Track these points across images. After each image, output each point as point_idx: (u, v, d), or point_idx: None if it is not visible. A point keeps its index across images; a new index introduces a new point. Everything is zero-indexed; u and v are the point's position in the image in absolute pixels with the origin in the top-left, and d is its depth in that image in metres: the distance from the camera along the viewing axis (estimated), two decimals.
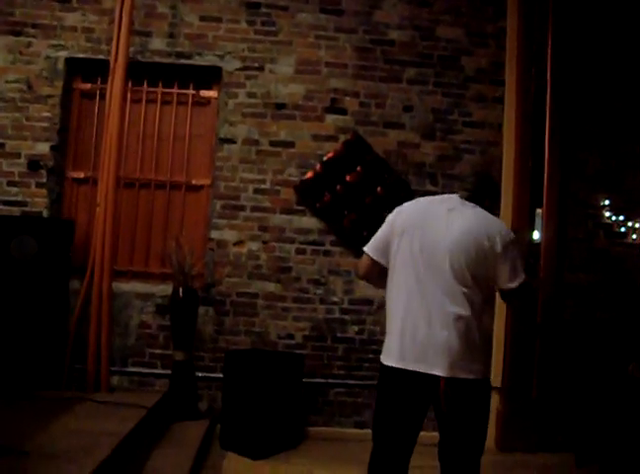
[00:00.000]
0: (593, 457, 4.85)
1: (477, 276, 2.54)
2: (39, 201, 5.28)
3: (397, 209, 2.83)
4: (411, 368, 2.54)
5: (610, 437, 4.78)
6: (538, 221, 5.57)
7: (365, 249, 2.85)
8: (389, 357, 2.64)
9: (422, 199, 2.86)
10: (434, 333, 2.50)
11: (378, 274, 2.82)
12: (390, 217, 2.82)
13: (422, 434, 2.73)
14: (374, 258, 2.79)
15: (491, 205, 2.83)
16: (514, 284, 2.58)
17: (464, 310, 2.51)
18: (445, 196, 2.83)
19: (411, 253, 2.62)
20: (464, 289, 2.52)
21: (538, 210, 5.55)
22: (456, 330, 2.49)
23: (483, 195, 2.79)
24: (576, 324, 5.36)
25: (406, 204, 2.83)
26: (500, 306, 5.23)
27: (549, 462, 4.95)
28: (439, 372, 2.49)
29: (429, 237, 2.60)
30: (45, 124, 5.31)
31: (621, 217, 5.61)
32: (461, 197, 2.75)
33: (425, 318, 2.53)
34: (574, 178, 5.52)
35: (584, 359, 5.18)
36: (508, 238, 2.59)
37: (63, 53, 5.34)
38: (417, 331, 2.54)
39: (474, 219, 2.62)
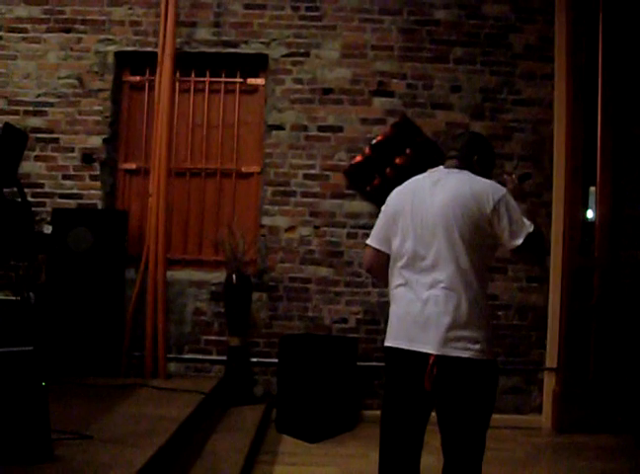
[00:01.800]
0: None
1: (471, 245, 2.43)
2: (93, 194, 5.40)
3: (389, 196, 2.76)
4: (404, 347, 2.47)
5: None
6: (592, 199, 5.47)
7: (368, 241, 2.79)
8: (389, 338, 2.58)
9: (411, 179, 2.72)
10: (427, 310, 2.41)
11: (384, 265, 2.72)
12: (383, 206, 2.76)
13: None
14: (377, 247, 2.72)
15: (481, 159, 2.68)
16: (519, 241, 2.41)
17: (458, 285, 2.40)
18: (432, 169, 2.68)
19: (404, 234, 2.55)
20: (458, 263, 2.42)
21: (592, 188, 5.45)
22: (450, 305, 2.39)
23: (469, 152, 2.67)
24: (633, 302, 5.27)
25: (396, 188, 2.75)
26: (554, 285, 5.22)
27: (608, 444, 4.88)
28: (428, 350, 2.39)
29: (417, 215, 2.52)
30: (97, 118, 5.41)
31: None
32: (447, 166, 2.65)
33: (419, 296, 2.45)
34: (628, 154, 5.40)
35: None
36: (497, 196, 2.43)
37: (112, 47, 5.43)
38: (411, 309, 2.46)
39: (457, 186, 2.50)
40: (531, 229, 2.43)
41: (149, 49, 5.39)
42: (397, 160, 5.28)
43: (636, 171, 5.42)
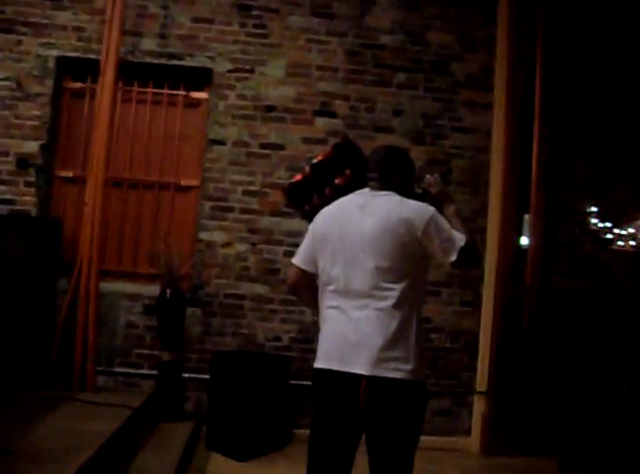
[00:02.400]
0: (576, 462, 4.89)
1: (402, 269, 2.44)
2: (27, 200, 5.27)
3: (316, 218, 2.75)
4: (335, 368, 2.45)
5: (594, 442, 4.82)
6: (526, 227, 5.60)
7: (293, 261, 2.79)
8: (318, 360, 2.55)
9: (337, 202, 2.71)
10: (359, 330, 2.41)
11: (308, 285, 2.74)
12: (311, 226, 2.76)
13: None
14: (302, 267, 2.71)
15: (402, 174, 2.68)
16: (452, 257, 2.44)
17: (390, 307, 2.40)
18: (358, 191, 2.66)
19: (333, 258, 2.55)
20: (389, 285, 2.43)
21: (526, 216, 5.58)
22: (382, 326, 2.39)
23: (389, 171, 2.66)
24: (562, 329, 5.40)
25: (324, 210, 2.75)
26: (486, 310, 5.31)
27: (533, 466, 5.00)
28: (360, 371, 2.37)
29: (346, 240, 2.52)
30: (35, 123, 5.29)
31: (608, 224, 5.65)
32: (372, 188, 2.64)
33: (350, 317, 2.45)
34: (562, 184, 5.57)
35: (569, 365, 5.22)
36: (425, 218, 2.44)
37: (54, 52, 5.33)
38: (343, 330, 2.46)
39: (385, 211, 2.50)
40: (462, 243, 2.45)
41: (92, 56, 5.30)
42: (337, 180, 5.28)
43: (569, 200, 5.58)
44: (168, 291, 4.96)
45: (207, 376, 5.03)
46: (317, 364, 2.56)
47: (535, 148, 5.45)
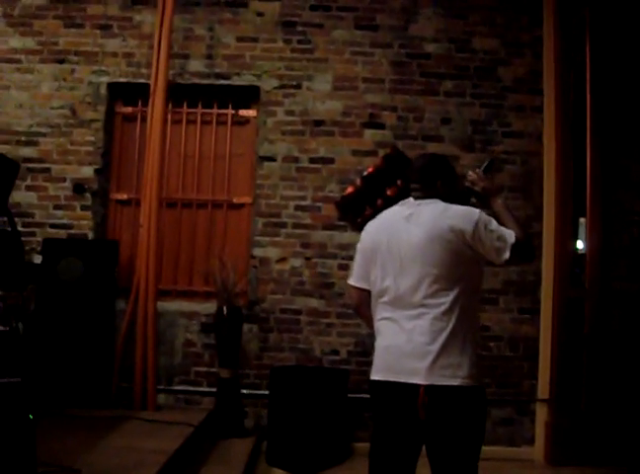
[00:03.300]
0: None
1: (453, 276, 2.44)
2: (84, 224, 5.39)
3: (363, 233, 2.76)
4: (392, 379, 2.45)
5: None
6: (582, 231, 5.50)
7: (349, 281, 2.79)
8: (375, 372, 2.56)
9: (382, 214, 2.73)
10: (413, 340, 2.41)
11: (367, 304, 2.71)
12: (359, 244, 2.76)
13: None
14: (360, 286, 2.72)
15: (446, 183, 2.66)
16: (506, 255, 2.43)
17: (442, 315, 2.40)
18: (402, 202, 2.67)
19: (383, 271, 2.55)
20: (440, 293, 2.42)
21: (582, 220, 5.49)
22: (436, 334, 2.39)
23: (431, 179, 2.64)
24: (624, 333, 5.27)
25: (369, 224, 2.76)
26: (545, 316, 5.21)
27: None
28: (417, 380, 2.37)
29: (394, 251, 2.53)
30: (89, 148, 5.43)
31: None
32: (416, 197, 2.64)
33: (403, 327, 2.45)
34: (617, 185, 5.44)
35: (634, 370, 5.08)
36: (473, 220, 2.44)
37: (105, 79, 5.46)
38: (397, 341, 2.46)
39: (432, 218, 2.50)
40: (513, 239, 2.43)
41: (142, 81, 5.42)
42: (388, 191, 5.30)
43: (625, 202, 5.46)
44: (224, 308, 5.00)
45: (266, 392, 5.04)
46: (373, 377, 2.57)
47: (588, 150, 5.34)
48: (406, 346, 2.43)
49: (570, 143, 5.35)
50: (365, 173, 5.35)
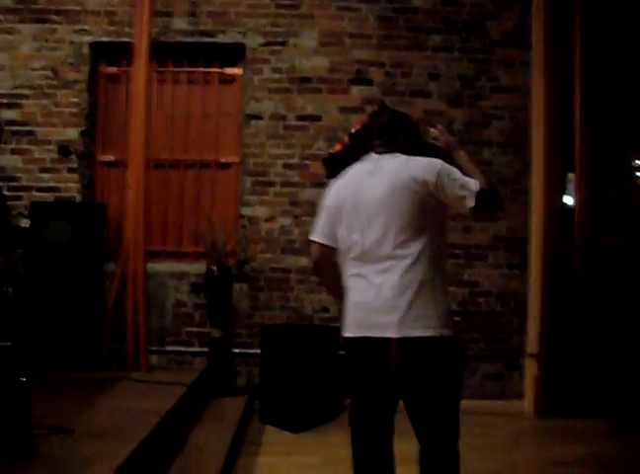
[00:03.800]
0: (632, 421, 4.83)
1: (418, 226, 2.43)
2: (71, 187, 5.35)
3: (327, 190, 2.74)
4: (364, 335, 2.45)
5: None
6: (571, 186, 5.49)
7: (312, 238, 2.75)
8: (347, 329, 2.55)
9: (347, 171, 2.69)
10: (383, 294, 2.40)
11: (330, 260, 2.70)
12: (324, 200, 2.73)
13: None
14: (323, 241, 2.68)
15: (408, 138, 2.66)
16: (471, 204, 2.40)
17: (411, 267, 2.39)
18: (364, 158, 2.65)
19: (349, 227, 2.53)
20: (406, 244, 2.41)
21: (570, 175, 5.48)
22: (405, 287, 2.38)
23: (393, 135, 2.64)
24: (612, 287, 5.31)
25: (333, 182, 2.73)
26: (534, 272, 5.24)
27: (589, 427, 4.93)
28: (389, 334, 2.37)
29: (360, 206, 2.51)
30: (74, 110, 5.36)
31: None
32: (377, 152, 2.61)
33: (372, 283, 2.44)
34: (606, 139, 5.43)
35: (622, 323, 5.13)
36: (435, 169, 2.43)
37: (87, 38, 5.36)
38: (366, 296, 2.45)
39: (394, 170, 2.49)
40: (478, 188, 2.40)
41: (125, 40, 5.32)
42: None
43: (614, 156, 5.45)
44: (214, 268, 5.00)
45: (258, 351, 5.08)
46: (346, 334, 2.56)
47: (577, 104, 5.32)
48: (375, 301, 2.42)
49: (559, 98, 5.31)
50: (353, 130, 5.28)
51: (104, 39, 5.38)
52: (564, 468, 4.06)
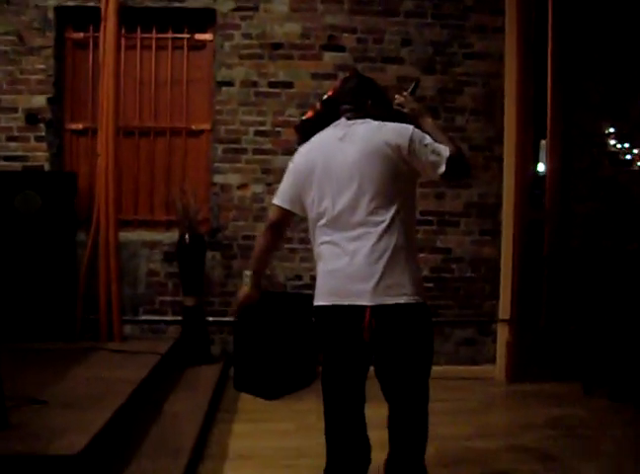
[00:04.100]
0: (600, 384, 4.93)
1: (391, 193, 2.43)
2: (39, 155, 5.25)
3: (296, 154, 2.71)
4: (338, 303, 2.44)
5: (617, 365, 4.85)
6: (543, 153, 5.53)
7: (274, 201, 2.71)
8: (319, 297, 2.53)
9: (316, 136, 2.66)
10: (356, 262, 2.39)
11: (285, 224, 2.74)
12: (291, 165, 2.70)
13: None
14: (286, 206, 2.65)
15: (375, 103, 2.65)
16: (442, 169, 2.41)
17: (383, 234, 2.39)
18: (334, 123, 2.62)
19: (320, 193, 2.51)
20: (378, 211, 2.41)
21: (543, 142, 5.51)
22: (378, 254, 2.38)
23: (361, 100, 2.63)
24: (583, 253, 5.37)
25: (303, 146, 2.70)
26: (506, 238, 5.28)
27: (558, 391, 5.03)
28: (363, 302, 2.37)
29: (330, 172, 2.49)
30: (40, 77, 5.23)
31: (626, 145, 5.56)
32: (347, 117, 2.59)
33: (345, 250, 2.43)
34: (578, 107, 5.46)
35: (592, 289, 5.20)
36: (407, 135, 2.43)
37: (52, 2, 5.21)
38: (339, 264, 2.44)
39: (367, 136, 2.47)
40: (448, 153, 2.41)
41: (92, 4, 5.19)
42: None
43: (586, 124, 5.48)
44: (187, 237, 4.98)
45: (231, 319, 5.08)
46: (318, 302, 2.54)
47: (550, 72, 5.33)
48: (349, 268, 2.41)
49: (531, 65, 5.32)
50: (325, 96, 5.24)
51: (69, 3, 5.23)
52: (533, 430, 4.14)
